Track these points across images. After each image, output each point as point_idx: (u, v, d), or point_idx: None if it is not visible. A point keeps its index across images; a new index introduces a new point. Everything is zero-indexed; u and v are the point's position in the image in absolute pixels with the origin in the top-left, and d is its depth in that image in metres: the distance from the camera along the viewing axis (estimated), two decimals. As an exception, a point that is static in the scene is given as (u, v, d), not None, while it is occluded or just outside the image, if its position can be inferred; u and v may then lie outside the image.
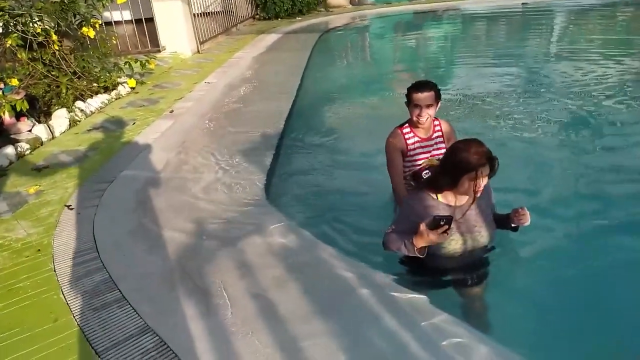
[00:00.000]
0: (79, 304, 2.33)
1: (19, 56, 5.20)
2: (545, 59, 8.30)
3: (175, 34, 8.44)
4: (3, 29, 5.01)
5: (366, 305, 2.19)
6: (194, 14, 8.83)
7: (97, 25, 5.81)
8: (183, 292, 2.36)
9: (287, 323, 2.10)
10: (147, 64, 6.39)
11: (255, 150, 4.21)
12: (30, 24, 5.16)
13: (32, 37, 5.16)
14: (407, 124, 3.02)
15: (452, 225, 2.14)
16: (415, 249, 2.19)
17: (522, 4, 14.61)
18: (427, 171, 2.90)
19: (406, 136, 2.99)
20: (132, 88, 6.30)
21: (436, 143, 3.02)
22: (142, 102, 5.83)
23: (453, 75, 7.61)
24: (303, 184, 3.97)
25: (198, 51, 8.82)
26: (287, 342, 2.00)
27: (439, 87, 2.94)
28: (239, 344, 2.00)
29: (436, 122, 3.05)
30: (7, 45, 5.09)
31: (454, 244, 2.31)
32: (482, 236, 2.35)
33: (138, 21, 8.33)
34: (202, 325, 2.12)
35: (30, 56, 5.29)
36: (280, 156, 4.32)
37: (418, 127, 2.95)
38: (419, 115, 2.86)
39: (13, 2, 5.05)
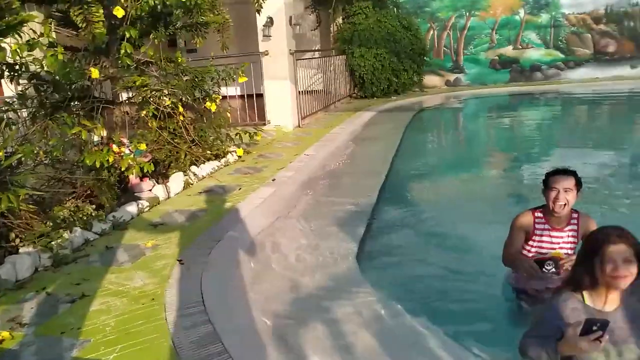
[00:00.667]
0: (186, 353, 2.54)
1: (150, 124, 5.96)
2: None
3: (281, 109, 9.15)
4: (141, 101, 5.80)
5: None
6: (299, 92, 9.56)
7: (217, 100, 6.53)
8: (278, 351, 2.50)
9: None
10: (254, 135, 6.98)
11: (349, 220, 4.40)
12: (162, 98, 5.94)
13: (163, 109, 5.90)
14: (541, 209, 2.92)
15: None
16: (559, 358, 1.92)
17: (631, 67, 14.37)
18: (550, 262, 2.82)
19: (536, 220, 2.89)
20: (240, 157, 6.87)
21: (568, 236, 2.87)
22: (247, 170, 6.33)
23: (545, 159, 7.44)
24: (394, 257, 4.05)
25: (299, 125, 9.45)
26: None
27: (529, 169, 3.01)
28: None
29: (574, 215, 2.87)
30: (142, 115, 5.88)
31: (599, 358, 1.95)
32: (632, 352, 1.97)
33: (249, 96, 9.17)
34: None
35: (158, 125, 6.03)
36: (372, 228, 4.46)
37: (553, 216, 2.82)
38: (556, 199, 2.71)
39: (154, 78, 5.88)
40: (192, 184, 5.78)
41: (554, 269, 2.86)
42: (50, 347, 2.61)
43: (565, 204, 2.73)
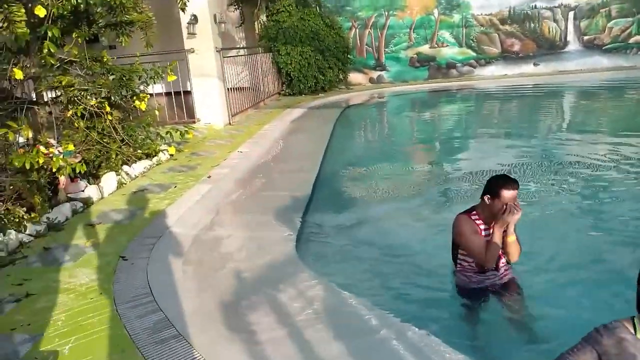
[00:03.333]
0: (141, 339, 2.67)
1: (76, 125, 5.84)
2: (555, 136, 8.82)
3: (210, 107, 9.19)
4: (68, 101, 5.68)
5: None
6: (227, 89, 9.63)
7: (146, 99, 6.50)
8: (228, 331, 2.70)
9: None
10: (185, 133, 7.02)
11: (286, 212, 4.64)
12: (89, 97, 5.84)
13: (90, 109, 5.81)
14: (475, 212, 3.10)
15: None
16: None
17: (534, 64, 15.89)
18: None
19: (476, 222, 3.07)
20: (172, 155, 6.88)
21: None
22: (181, 168, 6.38)
23: (466, 150, 8.13)
24: (330, 244, 4.35)
25: (230, 123, 9.53)
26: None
27: (453, 160, 3.32)
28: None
29: None
30: (68, 115, 5.76)
31: None
32: None
33: (176, 94, 9.12)
34: (247, 356, 2.45)
35: (85, 125, 5.92)
36: (308, 217, 4.73)
37: (486, 216, 3.03)
38: (509, 213, 2.88)
39: (81, 79, 5.77)
40: (125, 184, 5.75)
41: (493, 266, 3.18)
42: (2, 344, 2.64)
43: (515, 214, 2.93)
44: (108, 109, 6.05)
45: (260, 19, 14.37)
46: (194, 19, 8.93)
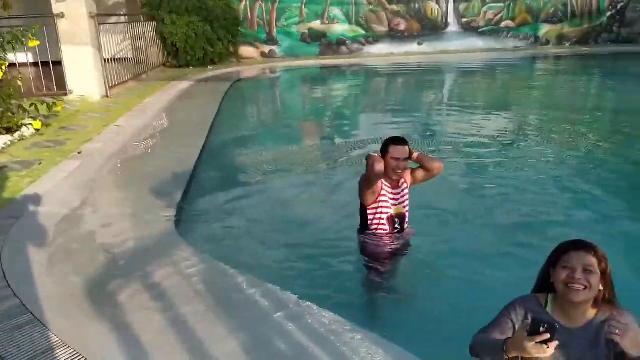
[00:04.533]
0: (-9, 328, 2.38)
1: None
2: (437, 111, 9.37)
3: (84, 78, 8.43)
4: None
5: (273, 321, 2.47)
6: (104, 59, 8.89)
7: (4, 67, 5.77)
8: (95, 312, 2.50)
9: (195, 338, 2.33)
10: (53, 106, 6.37)
11: (166, 188, 4.40)
12: None
13: None
14: None
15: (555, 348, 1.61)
16: (506, 357, 1.71)
17: (418, 43, 16.69)
18: (396, 219, 3.27)
19: (382, 181, 3.24)
20: (37, 130, 6.21)
21: (402, 190, 3.32)
22: (48, 144, 5.79)
23: (356, 124, 8.34)
24: (215, 220, 4.21)
25: (107, 95, 8.83)
26: (196, 352, 2.23)
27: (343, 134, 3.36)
28: (153, 354, 2.19)
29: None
30: None
31: None
32: None
33: (44, 64, 8.23)
34: (114, 338, 2.29)
35: None
36: (191, 194, 4.53)
37: (389, 178, 3.20)
38: (397, 167, 3.13)
39: None
40: (-21, 161, 5.09)
41: (398, 224, 3.32)
42: None
43: (404, 169, 3.22)
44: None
45: (142, -16, 13.42)
46: (64, -19, 8.07)
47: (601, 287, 1.77)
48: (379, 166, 3.04)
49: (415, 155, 3.23)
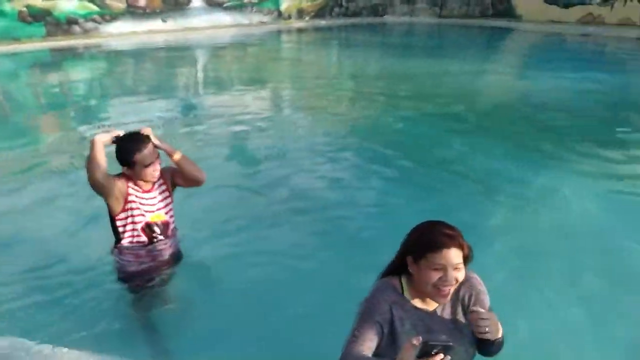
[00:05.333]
0: None
1: None
2: (190, 89, 8.83)
3: None
4: None
5: None
6: None
7: None
8: None
9: None
10: None
11: None
12: None
13: None
14: (123, 177, 2.58)
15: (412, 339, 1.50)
16: None
17: (162, 20, 15.72)
18: (156, 226, 2.62)
19: (129, 184, 2.56)
20: None
21: (159, 194, 2.67)
22: None
23: (101, 113, 7.22)
24: None
25: None
26: None
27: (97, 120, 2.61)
28: None
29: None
30: None
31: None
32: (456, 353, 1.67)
33: None
34: None
35: None
36: None
37: (140, 181, 2.58)
38: (146, 174, 2.53)
39: None
40: None
41: (159, 233, 2.68)
42: None
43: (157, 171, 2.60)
44: None
45: None
46: None
47: None
48: (98, 146, 2.42)
49: (176, 156, 2.64)
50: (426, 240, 1.61)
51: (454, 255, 1.59)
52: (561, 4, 15.82)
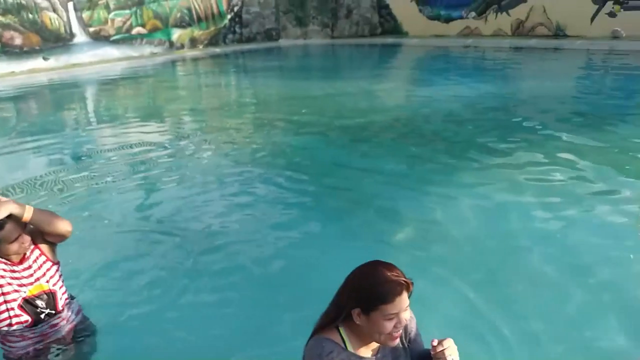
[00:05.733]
0: None
1: None
2: (85, 127, 8.27)
3: None
4: None
5: None
6: None
7: None
8: None
9: None
10: None
11: None
12: None
13: None
14: None
15: None
16: None
17: (44, 58, 14.75)
18: (42, 299, 2.25)
19: None
20: None
21: (35, 260, 2.28)
22: None
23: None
24: None
25: None
26: None
27: None
28: None
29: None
30: None
31: None
32: None
33: None
34: None
35: None
36: None
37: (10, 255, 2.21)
38: (21, 247, 2.18)
39: None
40: None
41: (45, 307, 2.29)
42: None
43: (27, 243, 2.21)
44: None
45: None
46: None
47: None
48: None
49: (26, 215, 2.14)
50: (378, 294, 1.53)
51: (405, 299, 1.55)
52: (442, 19, 17.01)
